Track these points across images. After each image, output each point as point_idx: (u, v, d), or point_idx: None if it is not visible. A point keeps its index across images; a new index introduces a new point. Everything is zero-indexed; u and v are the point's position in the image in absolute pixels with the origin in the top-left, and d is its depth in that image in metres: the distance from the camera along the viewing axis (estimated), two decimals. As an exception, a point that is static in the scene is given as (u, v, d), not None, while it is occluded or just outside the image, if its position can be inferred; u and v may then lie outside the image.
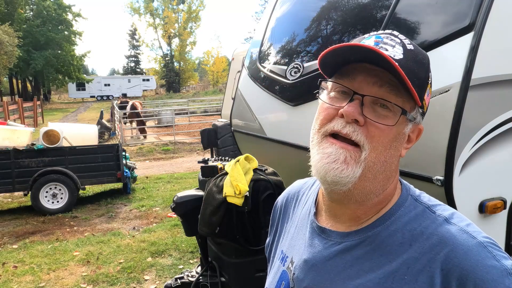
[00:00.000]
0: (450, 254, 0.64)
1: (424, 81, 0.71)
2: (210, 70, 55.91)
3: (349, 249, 0.73)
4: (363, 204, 0.73)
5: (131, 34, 58.54)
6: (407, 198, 0.75)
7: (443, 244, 0.66)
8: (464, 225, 0.68)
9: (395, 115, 0.68)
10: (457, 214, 0.71)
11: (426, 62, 0.72)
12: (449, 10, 1.92)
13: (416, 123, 0.74)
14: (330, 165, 0.69)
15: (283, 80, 2.91)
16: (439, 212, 0.71)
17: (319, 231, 0.79)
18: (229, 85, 7.56)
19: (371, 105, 0.69)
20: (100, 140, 11.10)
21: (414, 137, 0.76)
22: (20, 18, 34.14)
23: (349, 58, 0.70)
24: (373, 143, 0.68)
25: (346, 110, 0.68)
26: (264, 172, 2.35)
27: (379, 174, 0.71)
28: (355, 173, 0.68)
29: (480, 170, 1.84)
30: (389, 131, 0.69)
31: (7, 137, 6.43)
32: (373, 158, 0.69)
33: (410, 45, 0.72)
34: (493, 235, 2.03)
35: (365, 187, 0.71)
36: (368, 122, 0.68)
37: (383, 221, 0.73)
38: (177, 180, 8.48)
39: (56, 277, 4.14)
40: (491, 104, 1.83)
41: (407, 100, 0.69)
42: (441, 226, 0.68)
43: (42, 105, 24.55)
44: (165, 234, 5.19)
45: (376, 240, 0.71)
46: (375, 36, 0.72)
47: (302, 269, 0.78)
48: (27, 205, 6.80)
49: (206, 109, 20.94)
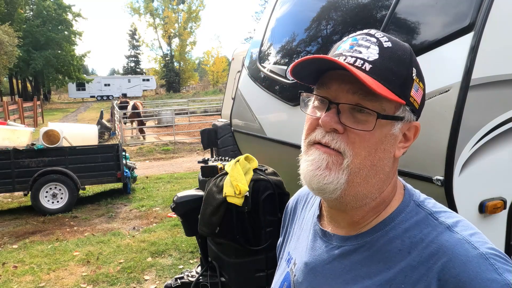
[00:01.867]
0: (448, 264, 0.62)
1: (407, 77, 0.69)
2: (210, 70, 55.91)
3: (348, 254, 0.72)
4: (360, 209, 0.72)
5: (131, 34, 58.57)
6: (409, 203, 0.73)
7: (441, 253, 0.63)
8: (468, 234, 0.65)
9: (373, 119, 0.67)
10: (463, 222, 0.68)
11: (407, 57, 0.70)
12: (449, 10, 1.92)
13: (407, 121, 0.71)
14: (313, 172, 0.68)
15: (283, 80, 2.91)
16: (443, 219, 0.68)
17: (321, 234, 0.79)
18: (229, 85, 7.56)
19: (349, 111, 0.68)
20: (100, 140, 11.11)
21: (412, 135, 0.74)
22: (20, 18, 34.15)
23: (321, 68, 0.70)
24: (355, 149, 0.67)
25: (322, 120, 0.68)
26: (264, 172, 2.35)
27: (371, 178, 0.69)
28: (339, 179, 0.67)
29: (480, 170, 1.84)
30: (370, 136, 0.67)
31: (7, 137, 6.43)
32: (358, 164, 0.67)
33: (388, 42, 0.69)
34: (493, 235, 2.02)
35: (357, 192, 0.69)
36: (347, 129, 0.67)
37: (383, 227, 0.71)
38: (177, 180, 8.48)
39: (56, 277, 4.14)
40: (491, 104, 1.83)
41: (387, 101, 0.67)
42: (442, 234, 0.65)
43: (42, 105, 24.55)
44: (165, 234, 5.19)
45: (374, 246, 0.70)
46: (351, 39, 0.71)
47: (302, 271, 0.78)
48: (27, 205, 6.80)
49: (206, 109, 20.95)
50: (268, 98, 3.10)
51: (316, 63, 0.68)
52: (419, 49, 1.93)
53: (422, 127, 0.77)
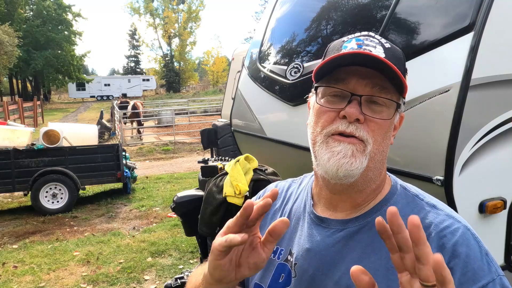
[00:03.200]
0: (441, 234, 0.72)
1: (404, 74, 0.78)
2: (210, 70, 55.90)
3: (352, 234, 0.78)
4: (363, 191, 0.79)
5: (131, 34, 58.52)
6: (398, 187, 0.82)
7: (434, 226, 0.73)
8: (449, 211, 0.77)
9: (388, 109, 0.76)
10: (440, 202, 0.80)
11: (402, 56, 0.79)
12: (449, 10, 1.92)
13: (401, 111, 0.81)
14: (340, 161, 0.74)
15: (283, 80, 2.91)
16: (427, 200, 0.79)
17: (318, 221, 0.83)
18: (229, 85, 7.56)
19: (367, 104, 0.75)
20: (100, 140, 11.10)
21: (398, 124, 0.83)
22: (20, 18, 34.17)
23: (340, 63, 0.75)
24: (374, 137, 0.75)
25: (348, 111, 0.73)
26: (264, 172, 2.35)
27: (379, 162, 0.78)
28: (362, 164, 0.74)
29: (480, 170, 1.84)
30: (385, 124, 0.76)
31: (7, 137, 6.43)
32: (375, 150, 0.76)
33: (386, 43, 0.78)
34: (493, 235, 2.02)
35: (367, 175, 0.77)
36: (367, 118, 0.74)
37: (380, 207, 0.79)
38: (177, 180, 8.48)
39: (56, 277, 4.14)
40: (491, 104, 1.83)
41: (394, 94, 0.76)
42: (430, 212, 0.76)
43: (42, 105, 24.54)
44: (165, 234, 5.19)
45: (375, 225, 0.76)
46: (355, 39, 0.78)
47: (305, 258, 0.80)
48: (27, 205, 6.80)
49: (206, 109, 20.94)
50: (268, 98, 3.10)
51: (340, 59, 0.74)
52: (419, 49, 1.93)
53: (422, 127, 0.80)
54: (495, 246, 1.95)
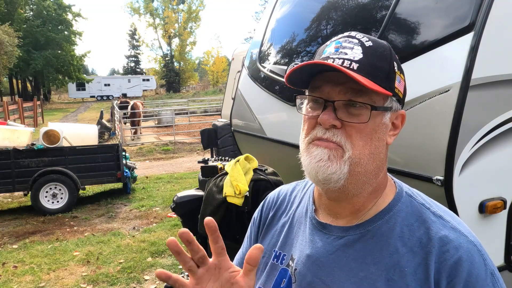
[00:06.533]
0: (443, 248, 0.70)
1: (390, 71, 0.75)
2: (210, 70, 55.88)
3: (351, 243, 0.77)
4: (359, 195, 0.78)
5: (131, 34, 58.54)
6: (403, 194, 0.80)
7: (438, 239, 0.71)
8: (456, 223, 0.75)
9: (367, 111, 0.73)
10: (448, 213, 0.78)
11: (387, 53, 0.76)
12: (449, 11, 1.92)
13: (394, 110, 0.78)
14: (317, 164, 0.74)
15: (283, 80, 2.90)
16: (433, 209, 0.77)
17: (319, 227, 0.82)
18: (229, 85, 7.56)
19: (344, 107, 0.74)
20: (100, 140, 11.10)
21: (399, 122, 0.81)
22: (20, 18, 34.15)
23: (312, 71, 0.76)
24: (353, 141, 0.73)
25: (321, 118, 0.74)
26: (264, 172, 2.35)
27: (369, 165, 0.75)
28: (342, 169, 0.73)
29: (480, 170, 1.84)
30: (365, 127, 0.74)
31: (7, 137, 6.43)
32: (358, 154, 0.74)
33: (368, 41, 0.75)
34: (493, 235, 2.02)
35: (358, 180, 0.75)
36: (344, 123, 0.74)
37: (383, 216, 0.77)
38: (177, 180, 8.49)
39: (56, 277, 4.14)
40: (491, 104, 1.83)
41: (376, 94, 0.74)
42: (436, 223, 0.74)
43: (42, 105, 24.54)
44: (165, 234, 5.19)
45: (376, 234, 0.75)
46: (335, 42, 0.77)
47: (305, 264, 0.80)
48: (27, 205, 6.81)
49: (206, 109, 20.95)
50: (268, 98, 3.10)
51: (309, 68, 0.74)
52: (419, 49, 1.93)
53: (422, 127, 0.80)
54: (495, 246, 1.94)
